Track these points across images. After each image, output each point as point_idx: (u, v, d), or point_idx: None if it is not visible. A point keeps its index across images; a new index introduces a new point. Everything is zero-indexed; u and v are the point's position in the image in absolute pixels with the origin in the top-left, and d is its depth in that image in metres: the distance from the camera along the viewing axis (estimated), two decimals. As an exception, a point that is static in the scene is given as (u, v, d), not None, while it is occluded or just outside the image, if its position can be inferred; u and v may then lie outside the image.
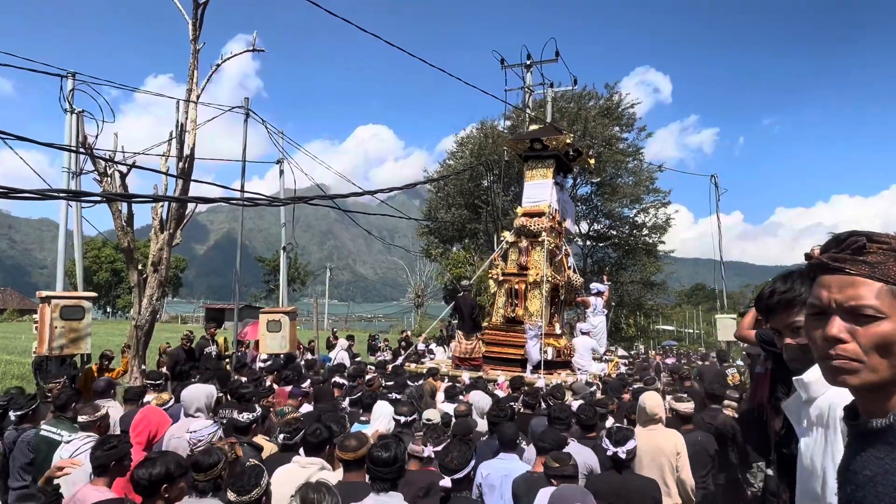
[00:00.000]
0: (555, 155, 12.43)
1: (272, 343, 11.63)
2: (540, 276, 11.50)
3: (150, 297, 9.57)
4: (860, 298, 1.05)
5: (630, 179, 34.76)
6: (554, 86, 21.94)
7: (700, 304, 68.35)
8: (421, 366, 11.56)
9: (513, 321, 11.67)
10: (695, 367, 15.32)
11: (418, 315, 41.90)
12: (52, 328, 8.23)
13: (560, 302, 12.65)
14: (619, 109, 34.74)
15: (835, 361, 1.06)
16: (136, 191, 15.68)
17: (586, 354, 11.49)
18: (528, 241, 11.95)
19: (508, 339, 11.60)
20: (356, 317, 77.04)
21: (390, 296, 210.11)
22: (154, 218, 9.87)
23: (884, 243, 1.07)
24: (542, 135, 12.65)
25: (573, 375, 10.55)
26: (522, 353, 11.08)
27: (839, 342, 1.06)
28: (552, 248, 12.00)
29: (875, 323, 1.03)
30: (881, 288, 1.04)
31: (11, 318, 50.66)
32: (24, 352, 18.44)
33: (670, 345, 39.75)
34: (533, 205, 12.33)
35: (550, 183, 12.37)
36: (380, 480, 3.00)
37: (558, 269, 12.32)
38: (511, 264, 12.23)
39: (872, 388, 1.06)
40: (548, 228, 11.96)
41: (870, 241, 1.07)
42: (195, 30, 9.63)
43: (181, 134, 9.81)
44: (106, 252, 65.40)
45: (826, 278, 1.10)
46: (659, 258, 37.14)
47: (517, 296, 11.68)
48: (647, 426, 4.64)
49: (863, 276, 1.06)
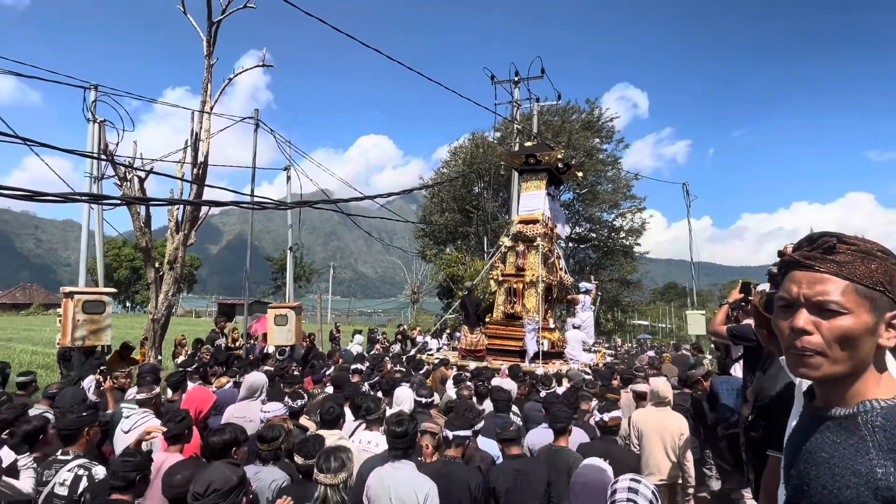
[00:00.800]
0: (547, 169, 12.89)
1: (279, 336, 11.57)
2: (536, 276, 11.99)
3: (167, 292, 9.51)
4: (826, 294, 1.05)
5: (609, 187, 34.92)
6: (540, 100, 22.00)
7: (672, 301, 68.54)
8: (430, 356, 11.87)
9: (512, 317, 12.11)
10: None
11: (414, 310, 41.80)
12: (75, 321, 8.16)
13: (553, 299, 13.04)
14: (600, 123, 34.90)
15: (798, 353, 1.07)
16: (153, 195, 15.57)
17: (577, 346, 11.85)
18: (525, 245, 12.39)
19: (508, 333, 12.00)
20: (357, 312, 76.75)
21: (389, 293, 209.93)
22: (170, 220, 9.80)
23: (852, 245, 1.07)
24: (536, 150, 13.12)
25: (566, 365, 10.91)
26: (521, 345, 11.45)
27: (805, 333, 1.06)
28: (546, 251, 12.47)
29: (838, 317, 1.04)
30: (847, 286, 1.05)
31: (37, 311, 50.29)
32: (49, 343, 18.31)
33: (645, 338, 39.88)
34: (528, 213, 12.82)
35: (544, 194, 12.83)
36: (394, 449, 3.26)
37: (551, 271, 12.76)
38: (510, 266, 12.67)
39: (833, 380, 1.07)
40: (542, 234, 12.39)
41: (840, 242, 1.08)
42: (209, 46, 9.58)
43: (196, 142, 9.74)
44: (125, 251, 64.95)
45: (797, 274, 1.11)
46: (635, 259, 37.33)
47: (515, 294, 12.13)
48: (658, 407, 5.02)
49: (831, 273, 1.06)
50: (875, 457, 0.98)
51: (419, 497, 3.03)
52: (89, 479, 3.14)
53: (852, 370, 1.06)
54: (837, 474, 1.02)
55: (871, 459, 0.99)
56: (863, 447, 1.01)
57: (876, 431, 1.01)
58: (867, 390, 1.06)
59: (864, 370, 1.06)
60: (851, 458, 1.01)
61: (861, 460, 1.00)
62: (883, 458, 0.97)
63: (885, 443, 0.99)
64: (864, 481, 0.98)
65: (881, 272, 1.05)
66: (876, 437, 1.00)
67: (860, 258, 1.06)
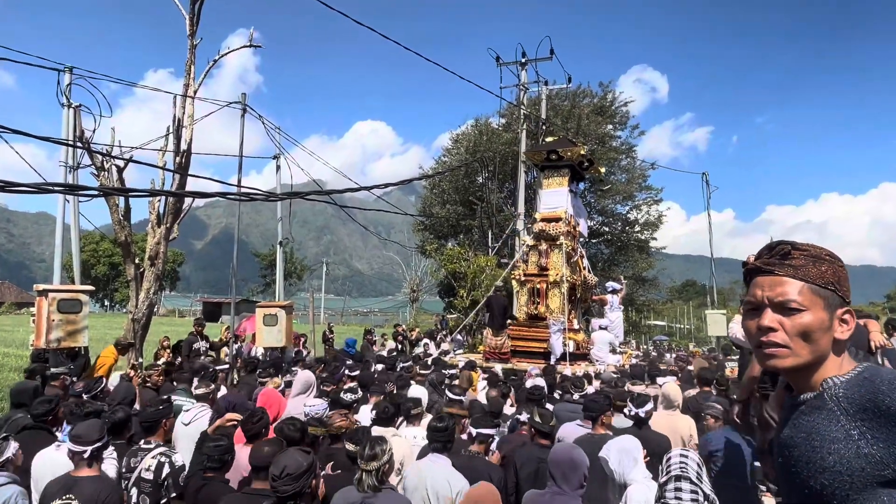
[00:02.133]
0: (569, 165, 13.30)
1: (269, 337, 11.59)
2: (559, 276, 12.48)
3: (147, 290, 9.53)
4: (786, 294, 1.28)
5: (623, 177, 34.76)
6: (548, 83, 21.93)
7: (691, 300, 68.57)
8: (454, 358, 12.50)
9: (535, 318, 12.59)
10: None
11: (413, 310, 41.83)
12: (50, 321, 8.18)
13: (576, 299, 13.51)
14: (613, 107, 34.73)
15: (766, 348, 1.30)
16: (133, 185, 15.57)
17: (604, 347, 12.27)
18: (547, 244, 12.83)
19: (532, 334, 12.51)
20: (352, 311, 76.83)
21: (386, 291, 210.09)
22: (151, 212, 9.81)
23: (804, 251, 1.31)
24: (558, 146, 13.56)
25: (591, 366, 11.46)
26: (545, 346, 11.99)
27: (771, 330, 1.29)
28: (569, 250, 12.93)
29: (798, 314, 1.27)
30: (802, 286, 1.28)
31: (9, 311, 50.36)
32: (22, 344, 18.33)
33: (661, 339, 39.92)
34: (550, 210, 13.27)
35: (566, 190, 13.28)
36: (434, 442, 3.86)
37: (574, 270, 13.24)
38: (532, 266, 13.08)
39: (798, 370, 1.30)
40: (565, 232, 12.86)
41: (794, 248, 1.31)
42: (192, 25, 9.55)
43: (178, 129, 9.74)
44: (103, 246, 65.08)
45: (760, 279, 1.34)
46: (651, 254, 37.18)
47: (539, 294, 12.60)
48: (668, 410, 5.51)
49: (788, 276, 1.30)
50: (846, 422, 1.19)
51: (452, 491, 3.52)
52: (171, 466, 3.87)
53: (814, 360, 1.28)
54: (817, 446, 1.22)
55: (842, 426, 1.19)
56: (833, 417, 1.22)
57: (840, 401, 1.22)
58: (828, 372, 1.28)
59: (825, 359, 1.28)
60: (826, 429, 1.21)
61: (835, 428, 1.20)
62: (853, 421, 1.18)
63: (850, 408, 1.20)
64: (843, 445, 1.18)
65: (830, 273, 1.29)
66: (842, 405, 1.21)
67: (812, 262, 1.29)
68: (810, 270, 1.28)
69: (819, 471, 1.21)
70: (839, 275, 1.30)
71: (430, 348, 15.58)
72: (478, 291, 21.10)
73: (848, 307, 1.31)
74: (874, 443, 1.15)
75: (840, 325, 1.29)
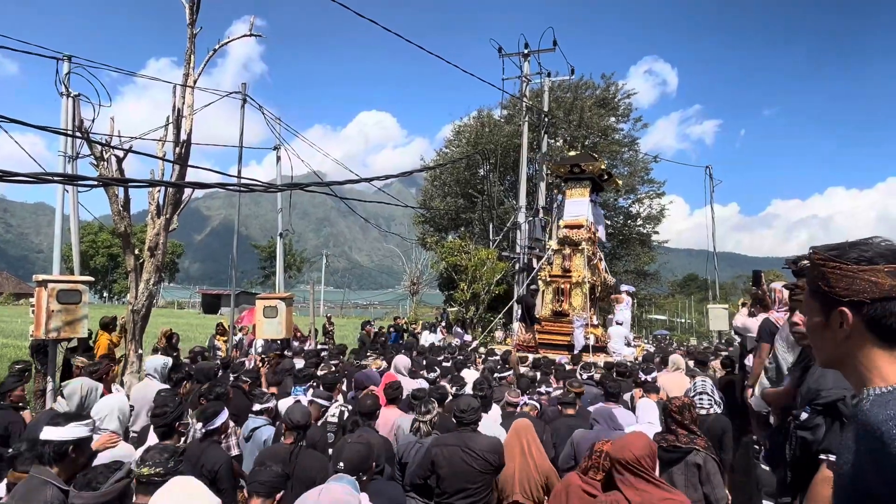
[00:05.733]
0: (591, 177, 15.06)
1: (269, 329, 11.61)
2: (581, 277, 14.29)
3: (147, 281, 9.52)
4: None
5: (625, 170, 34.64)
6: (551, 75, 21.81)
7: (692, 295, 68.53)
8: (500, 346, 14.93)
9: (559, 314, 14.35)
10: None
11: (413, 302, 41.86)
12: (49, 312, 8.19)
13: (595, 298, 15.15)
14: (616, 100, 34.59)
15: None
16: (132, 176, 15.56)
17: (620, 341, 13.80)
18: (571, 248, 14.52)
19: (556, 329, 14.29)
20: (352, 304, 76.92)
21: (386, 283, 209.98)
22: (151, 203, 9.79)
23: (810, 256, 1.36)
24: (581, 161, 15.42)
25: (609, 358, 12.76)
26: (568, 339, 13.65)
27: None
28: (590, 254, 14.61)
29: (809, 317, 1.34)
30: (807, 290, 1.35)
31: (8, 301, 50.48)
32: (21, 335, 18.41)
33: (662, 334, 39.95)
34: (573, 218, 14.93)
35: (587, 201, 14.93)
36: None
37: (594, 272, 14.93)
38: (556, 268, 14.80)
39: (831, 365, 1.31)
40: (586, 238, 14.47)
41: (808, 258, 1.37)
42: (192, 13, 9.49)
43: (178, 119, 9.71)
44: (103, 237, 65.13)
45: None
46: (653, 248, 37.16)
47: (563, 293, 14.38)
48: (673, 372, 7.93)
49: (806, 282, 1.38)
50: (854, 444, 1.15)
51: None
52: (350, 413, 5.23)
53: (830, 361, 1.30)
54: (843, 461, 1.19)
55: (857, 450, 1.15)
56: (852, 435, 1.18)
57: (859, 422, 1.16)
58: (868, 380, 1.20)
59: (850, 361, 1.23)
60: (850, 449, 1.17)
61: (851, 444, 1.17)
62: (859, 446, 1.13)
63: (864, 436, 1.13)
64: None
65: (816, 273, 1.31)
66: (857, 428, 1.16)
67: (811, 266, 1.34)
68: (809, 274, 1.34)
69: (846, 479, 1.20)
70: (822, 271, 1.29)
71: (429, 338, 15.73)
72: (478, 284, 21.11)
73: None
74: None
75: (841, 329, 1.26)
